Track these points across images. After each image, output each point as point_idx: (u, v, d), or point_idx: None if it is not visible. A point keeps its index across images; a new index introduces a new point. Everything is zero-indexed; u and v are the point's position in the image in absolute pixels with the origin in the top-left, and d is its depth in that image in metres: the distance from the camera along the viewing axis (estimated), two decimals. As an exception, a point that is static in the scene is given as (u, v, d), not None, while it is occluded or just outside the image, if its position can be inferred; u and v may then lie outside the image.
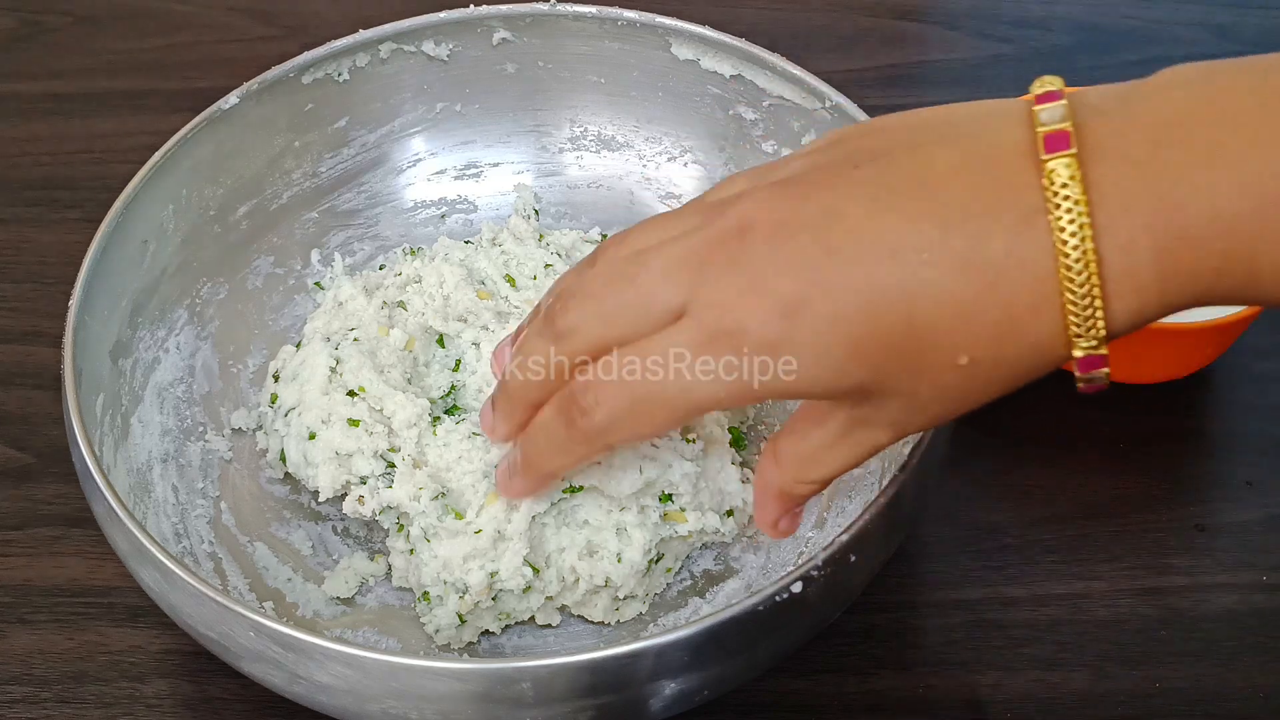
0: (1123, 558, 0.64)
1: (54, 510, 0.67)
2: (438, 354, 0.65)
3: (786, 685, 0.60)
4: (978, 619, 0.62)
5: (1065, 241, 0.41)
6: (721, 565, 0.63)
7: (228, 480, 0.64)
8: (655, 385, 0.46)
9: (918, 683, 0.60)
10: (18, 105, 0.85)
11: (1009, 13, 0.89)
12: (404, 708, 0.51)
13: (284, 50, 0.70)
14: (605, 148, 0.73)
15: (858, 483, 0.62)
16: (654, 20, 0.69)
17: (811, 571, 0.51)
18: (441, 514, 0.59)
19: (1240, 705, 0.59)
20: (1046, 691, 0.60)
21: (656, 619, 0.61)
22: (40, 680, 0.61)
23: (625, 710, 0.52)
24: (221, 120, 0.67)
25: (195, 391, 0.66)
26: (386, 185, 0.73)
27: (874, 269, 0.43)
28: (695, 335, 0.45)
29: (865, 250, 0.43)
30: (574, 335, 0.48)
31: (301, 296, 0.70)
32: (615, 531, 0.59)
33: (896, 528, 0.55)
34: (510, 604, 0.60)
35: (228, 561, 0.61)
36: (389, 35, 0.70)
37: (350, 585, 0.62)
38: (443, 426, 0.61)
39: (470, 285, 0.66)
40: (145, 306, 0.65)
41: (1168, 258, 0.41)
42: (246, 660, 0.53)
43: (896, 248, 0.42)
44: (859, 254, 0.43)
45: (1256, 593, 0.63)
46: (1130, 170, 0.41)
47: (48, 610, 0.63)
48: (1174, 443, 0.68)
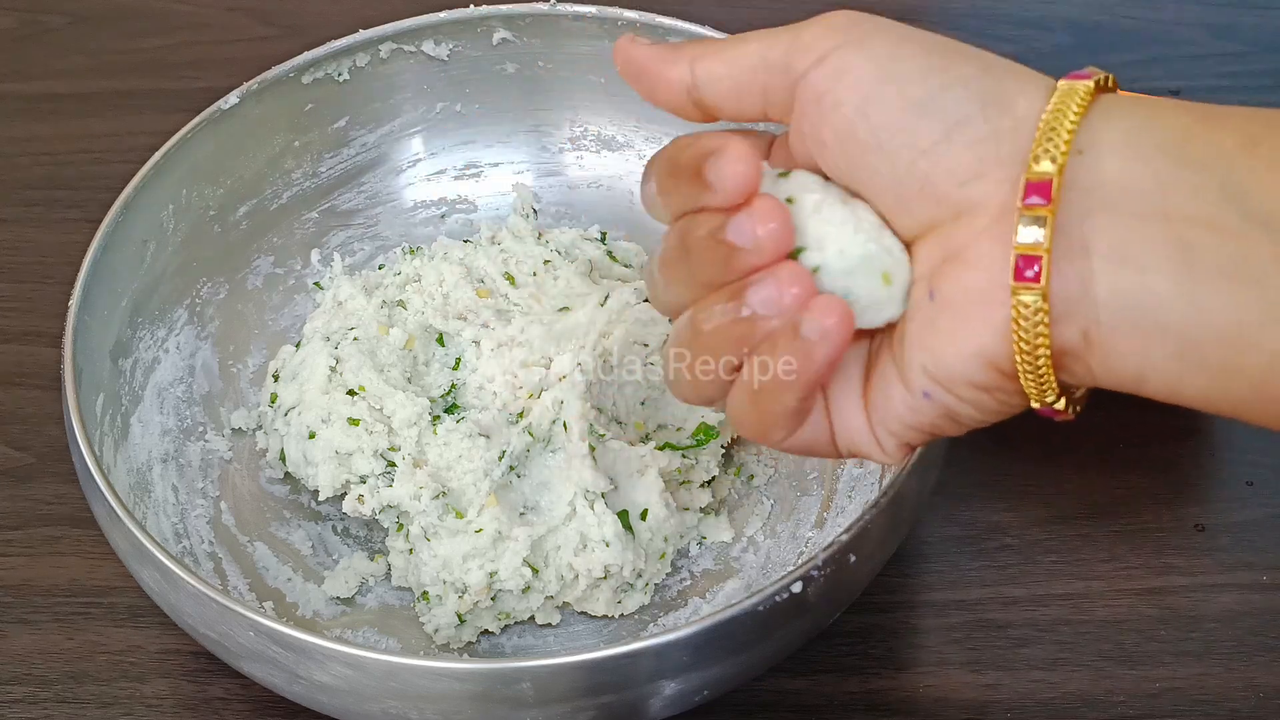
0: (1123, 558, 0.64)
1: (54, 510, 0.66)
2: (437, 353, 0.65)
3: (786, 685, 0.60)
4: (978, 619, 0.62)
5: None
6: (721, 565, 0.63)
7: (228, 480, 0.64)
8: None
9: (918, 683, 0.60)
10: (18, 105, 0.85)
11: (1009, 13, 0.89)
12: (404, 708, 0.51)
13: (284, 50, 0.70)
14: (605, 148, 0.73)
15: (858, 483, 0.62)
16: (654, 20, 0.69)
17: (811, 571, 0.51)
18: (441, 513, 0.59)
19: (1240, 705, 0.59)
20: (1046, 691, 0.60)
21: (657, 619, 0.61)
22: (40, 680, 0.61)
23: (625, 710, 0.52)
24: (221, 120, 0.67)
25: (195, 391, 0.66)
26: (386, 185, 0.73)
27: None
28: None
29: None
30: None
31: (301, 296, 0.70)
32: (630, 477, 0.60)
33: (896, 528, 0.55)
34: (510, 604, 0.60)
35: (228, 561, 0.61)
36: (389, 35, 0.70)
37: (350, 585, 0.62)
38: (443, 425, 0.61)
39: (470, 283, 0.66)
40: (145, 306, 0.65)
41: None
42: (246, 660, 0.53)
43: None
44: None
45: (1256, 593, 0.62)
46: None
47: (48, 610, 0.63)
48: (1174, 443, 0.68)
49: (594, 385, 0.61)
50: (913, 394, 0.44)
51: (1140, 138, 0.41)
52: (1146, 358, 0.41)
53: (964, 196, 0.42)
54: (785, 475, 0.65)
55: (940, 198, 0.42)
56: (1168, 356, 0.40)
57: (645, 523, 0.60)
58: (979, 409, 0.44)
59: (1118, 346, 0.41)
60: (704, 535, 0.63)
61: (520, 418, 0.61)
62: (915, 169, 0.42)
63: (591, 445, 0.60)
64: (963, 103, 0.42)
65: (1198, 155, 0.40)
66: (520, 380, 0.62)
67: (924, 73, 0.42)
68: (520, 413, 0.61)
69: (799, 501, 0.64)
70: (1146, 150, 0.41)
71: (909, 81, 0.42)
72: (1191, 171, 0.40)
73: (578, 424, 0.60)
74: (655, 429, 0.63)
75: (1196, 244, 0.39)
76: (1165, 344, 0.40)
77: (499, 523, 0.59)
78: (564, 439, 0.60)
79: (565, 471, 0.60)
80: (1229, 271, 0.39)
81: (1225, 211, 0.39)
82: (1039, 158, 0.41)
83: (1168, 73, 0.83)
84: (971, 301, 0.42)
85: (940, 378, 0.43)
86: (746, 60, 0.45)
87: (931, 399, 0.44)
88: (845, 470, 0.63)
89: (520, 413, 0.61)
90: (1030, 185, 0.41)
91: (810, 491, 0.64)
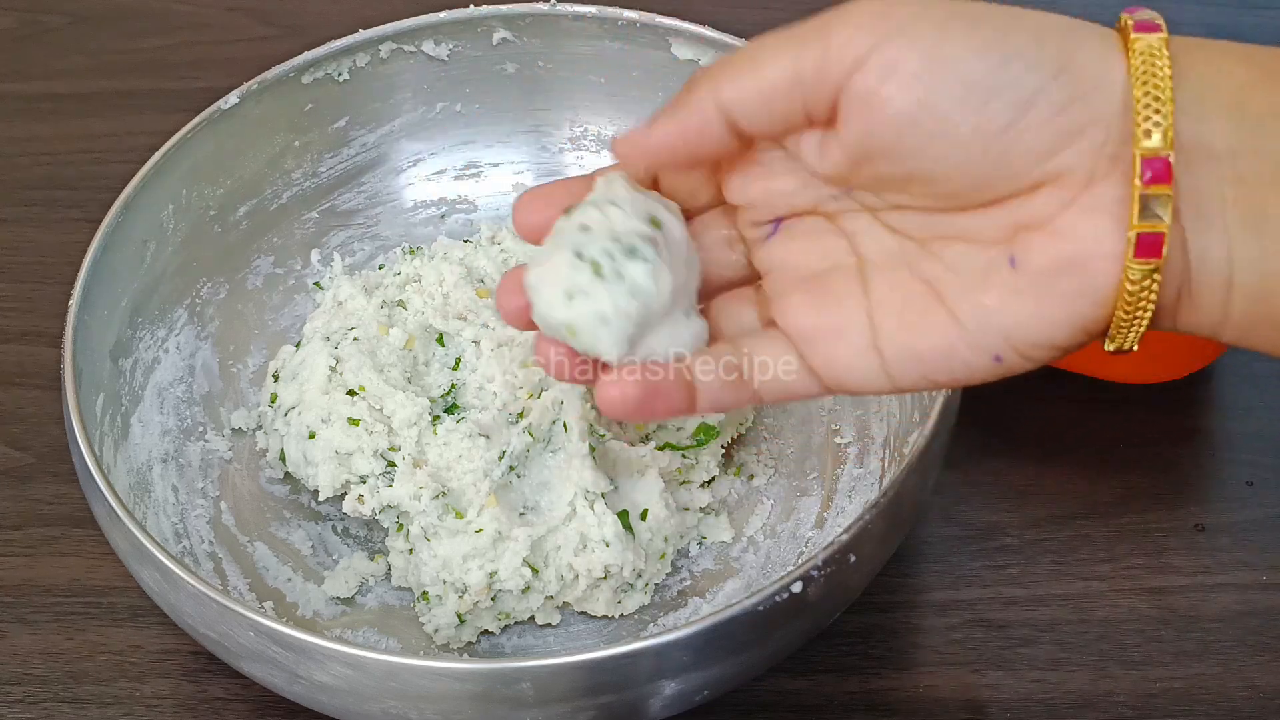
0: (1123, 558, 0.64)
1: (54, 510, 0.66)
2: (437, 353, 0.65)
3: (786, 685, 0.60)
4: (978, 619, 0.62)
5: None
6: (721, 565, 0.63)
7: (228, 480, 0.64)
8: None
9: (918, 683, 0.60)
10: (18, 105, 0.85)
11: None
12: (404, 708, 0.51)
13: (284, 50, 0.70)
14: (605, 148, 0.73)
15: (858, 483, 0.62)
16: (654, 20, 0.69)
17: (811, 571, 0.51)
18: (441, 513, 0.59)
19: (1240, 705, 0.59)
20: (1046, 691, 0.60)
21: (656, 619, 0.61)
22: (40, 680, 0.61)
23: (625, 710, 0.52)
24: (221, 120, 0.67)
25: (195, 391, 0.66)
26: (386, 185, 0.73)
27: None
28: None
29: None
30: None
31: (301, 296, 0.70)
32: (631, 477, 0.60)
33: (896, 528, 0.55)
34: (509, 604, 0.60)
35: (228, 561, 0.61)
36: (389, 35, 0.70)
37: (350, 585, 0.62)
38: (443, 425, 0.61)
39: (470, 283, 0.66)
40: (145, 306, 0.65)
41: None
42: (246, 660, 0.53)
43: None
44: None
45: (1256, 593, 0.62)
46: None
47: (48, 610, 0.63)
48: (1174, 443, 0.68)
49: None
50: (977, 354, 0.43)
51: (1208, 95, 0.41)
52: (1224, 311, 0.42)
53: (1045, 171, 0.41)
54: (785, 475, 0.65)
55: (1018, 174, 0.41)
56: (1243, 311, 0.41)
57: (645, 523, 0.60)
58: (1034, 363, 0.43)
59: (1200, 302, 0.42)
60: (704, 535, 0.63)
61: (520, 418, 0.61)
62: (989, 152, 0.41)
63: (591, 445, 0.60)
64: (1028, 76, 0.40)
65: (1263, 110, 0.40)
66: (520, 380, 0.62)
67: (979, 50, 0.40)
68: (520, 413, 0.61)
69: (799, 501, 0.64)
70: (1216, 109, 0.41)
71: (964, 62, 0.40)
72: (1258, 129, 0.40)
73: (578, 424, 0.60)
74: (655, 429, 0.63)
75: (1269, 203, 0.40)
76: (1241, 300, 0.41)
77: (499, 523, 0.59)
78: (564, 439, 0.60)
79: (565, 471, 0.60)
80: None
81: None
82: (1149, 131, 0.40)
83: (1168, 73, 0.83)
84: (1065, 272, 0.41)
85: (1022, 343, 0.42)
86: (779, 77, 0.42)
87: (1002, 361, 0.43)
88: (845, 470, 0.63)
89: (520, 413, 0.61)
90: (1146, 161, 0.40)
91: (810, 491, 0.64)
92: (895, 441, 0.61)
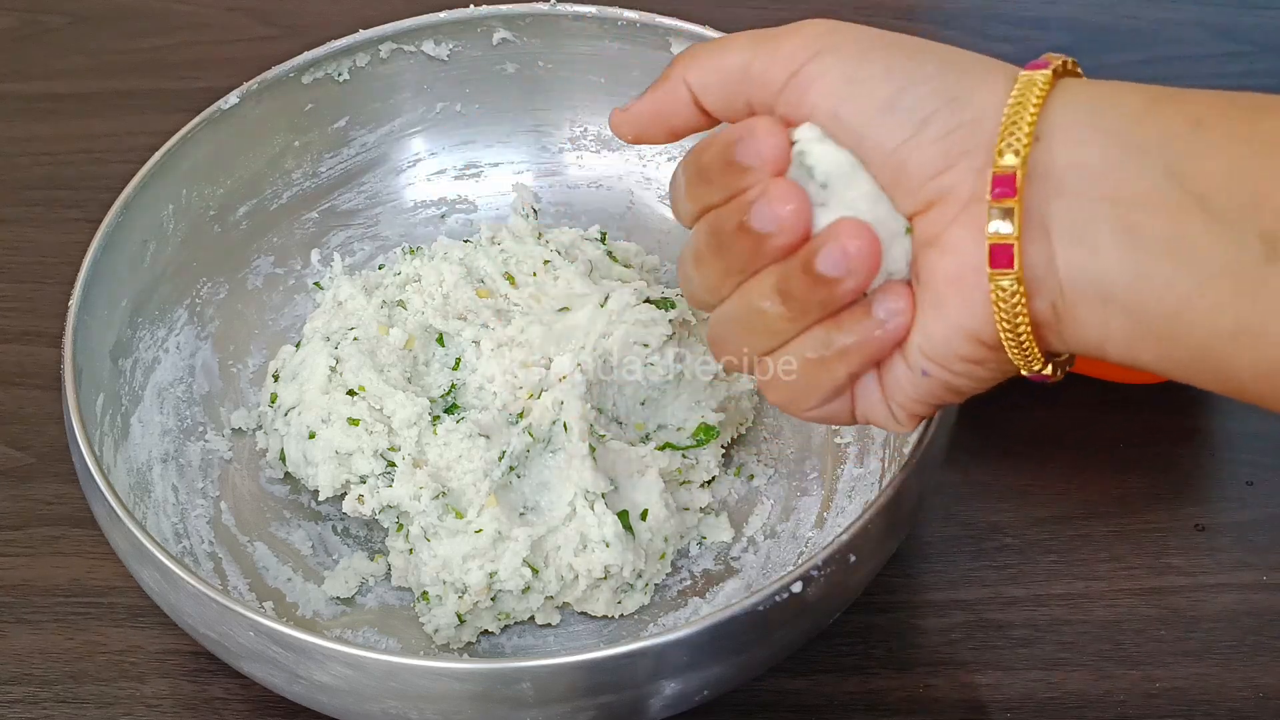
0: (1123, 558, 0.64)
1: (54, 510, 0.66)
2: (437, 353, 0.65)
3: (786, 685, 0.60)
4: (978, 619, 0.62)
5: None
6: (721, 565, 0.63)
7: (228, 480, 0.64)
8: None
9: (918, 683, 0.60)
10: (18, 105, 0.85)
11: (1007, 13, 0.89)
12: (404, 708, 0.51)
13: (284, 50, 0.70)
14: (605, 148, 0.73)
15: (858, 483, 0.62)
16: (654, 20, 0.69)
17: (811, 571, 0.51)
18: (441, 513, 0.59)
19: (1240, 705, 0.59)
20: (1046, 691, 0.60)
21: (656, 619, 0.61)
22: (40, 680, 0.61)
23: (625, 710, 0.52)
24: (221, 120, 0.67)
25: (195, 391, 0.66)
26: (386, 185, 0.73)
27: None
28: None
29: None
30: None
31: (301, 296, 0.70)
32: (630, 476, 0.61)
33: (896, 528, 0.55)
34: (509, 604, 0.60)
35: (228, 561, 0.61)
36: (389, 35, 0.70)
37: (350, 585, 0.62)
38: (443, 425, 0.61)
39: (470, 283, 0.66)
40: (145, 306, 0.65)
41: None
42: (246, 660, 0.53)
43: None
44: None
45: (1256, 593, 0.62)
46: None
47: (48, 610, 0.63)
48: (1174, 443, 0.68)
49: (594, 385, 0.61)
50: (913, 371, 0.47)
51: (1094, 121, 0.43)
52: (1105, 328, 0.43)
53: (935, 187, 0.44)
54: (785, 475, 0.65)
55: (914, 189, 0.45)
56: (1122, 327, 0.43)
57: (645, 523, 0.60)
58: (973, 379, 0.47)
59: (1079, 319, 0.44)
60: (704, 535, 0.63)
61: (520, 418, 0.61)
62: (888, 165, 0.45)
63: (591, 445, 0.60)
64: (926, 100, 0.44)
65: (1147, 136, 0.42)
66: (520, 380, 0.62)
67: (888, 73, 0.45)
68: (520, 413, 0.61)
69: (799, 501, 0.64)
70: (1099, 134, 0.43)
71: (875, 82, 0.45)
72: (1139, 153, 0.42)
73: (578, 424, 0.60)
74: (655, 429, 0.63)
75: (1140, 223, 0.42)
76: (1118, 316, 0.43)
77: (499, 523, 0.59)
78: (564, 439, 0.60)
79: (565, 472, 0.60)
80: (1167, 248, 0.41)
81: (1167, 191, 0.41)
82: (1003, 151, 0.43)
83: (1167, 73, 0.83)
84: (951, 285, 0.45)
85: (934, 356, 0.46)
86: (734, 67, 0.48)
87: (930, 376, 0.46)
88: (845, 470, 0.63)
89: (520, 413, 0.61)
90: (996, 178, 0.43)
91: (810, 491, 0.64)
92: (895, 441, 0.61)
